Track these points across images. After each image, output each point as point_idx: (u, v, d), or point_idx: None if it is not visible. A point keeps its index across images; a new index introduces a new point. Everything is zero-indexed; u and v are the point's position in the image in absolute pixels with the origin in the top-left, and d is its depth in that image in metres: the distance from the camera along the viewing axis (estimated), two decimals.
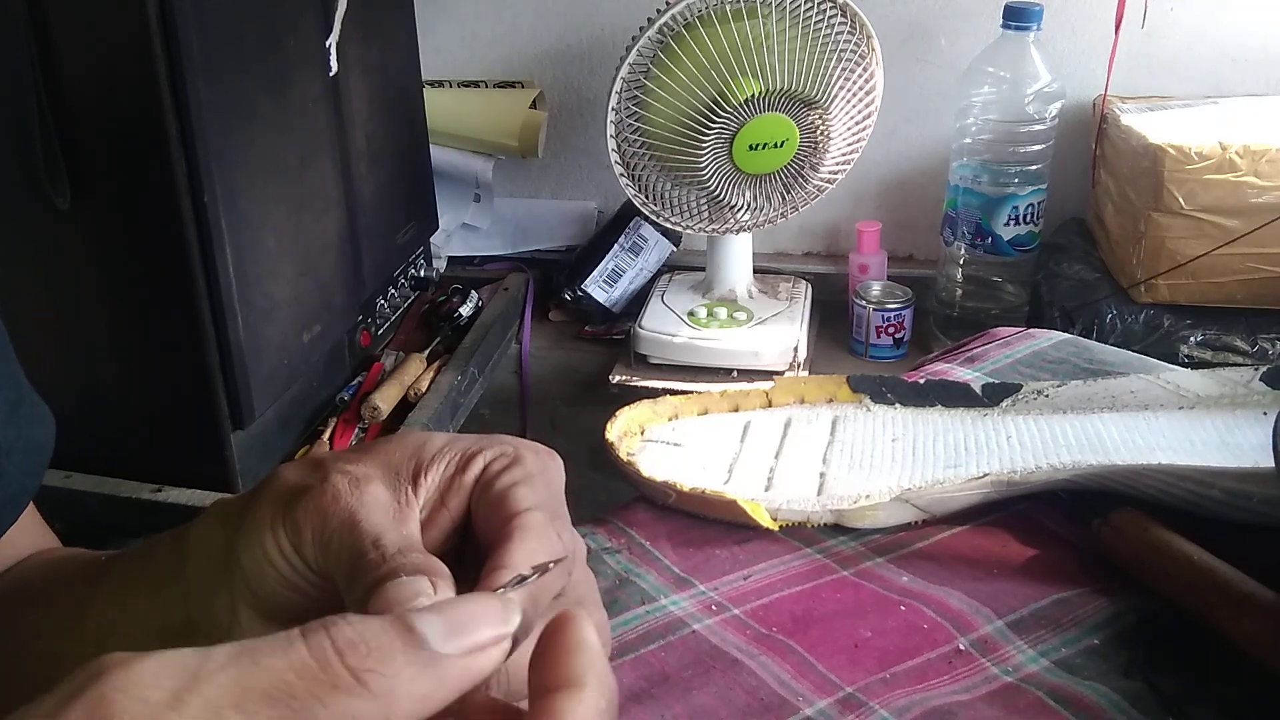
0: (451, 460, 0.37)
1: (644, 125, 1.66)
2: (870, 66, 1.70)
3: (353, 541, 0.33)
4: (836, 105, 1.66)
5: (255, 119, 1.33)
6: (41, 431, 0.52)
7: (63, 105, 1.22)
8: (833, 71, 1.64)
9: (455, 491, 0.37)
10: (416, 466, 0.37)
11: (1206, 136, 1.59)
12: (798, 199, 1.76)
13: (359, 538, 0.33)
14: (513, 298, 1.99)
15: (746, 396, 0.79)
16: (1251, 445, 0.68)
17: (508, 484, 0.36)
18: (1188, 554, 0.59)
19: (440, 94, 2.01)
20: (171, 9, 1.17)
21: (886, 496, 0.67)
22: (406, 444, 0.37)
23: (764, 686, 0.55)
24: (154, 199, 1.25)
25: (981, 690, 0.55)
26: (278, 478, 0.37)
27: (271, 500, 0.35)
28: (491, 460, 0.37)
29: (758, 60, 1.59)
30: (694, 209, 1.76)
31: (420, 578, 0.31)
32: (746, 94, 1.60)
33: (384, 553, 0.32)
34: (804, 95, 1.63)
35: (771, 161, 1.68)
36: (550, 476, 0.37)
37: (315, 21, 1.45)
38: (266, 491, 0.36)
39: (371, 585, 0.31)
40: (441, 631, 0.27)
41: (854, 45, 1.66)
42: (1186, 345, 1.64)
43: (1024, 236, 1.82)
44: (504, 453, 0.37)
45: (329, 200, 1.52)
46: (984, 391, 0.77)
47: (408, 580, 0.31)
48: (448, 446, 0.37)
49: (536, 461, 0.37)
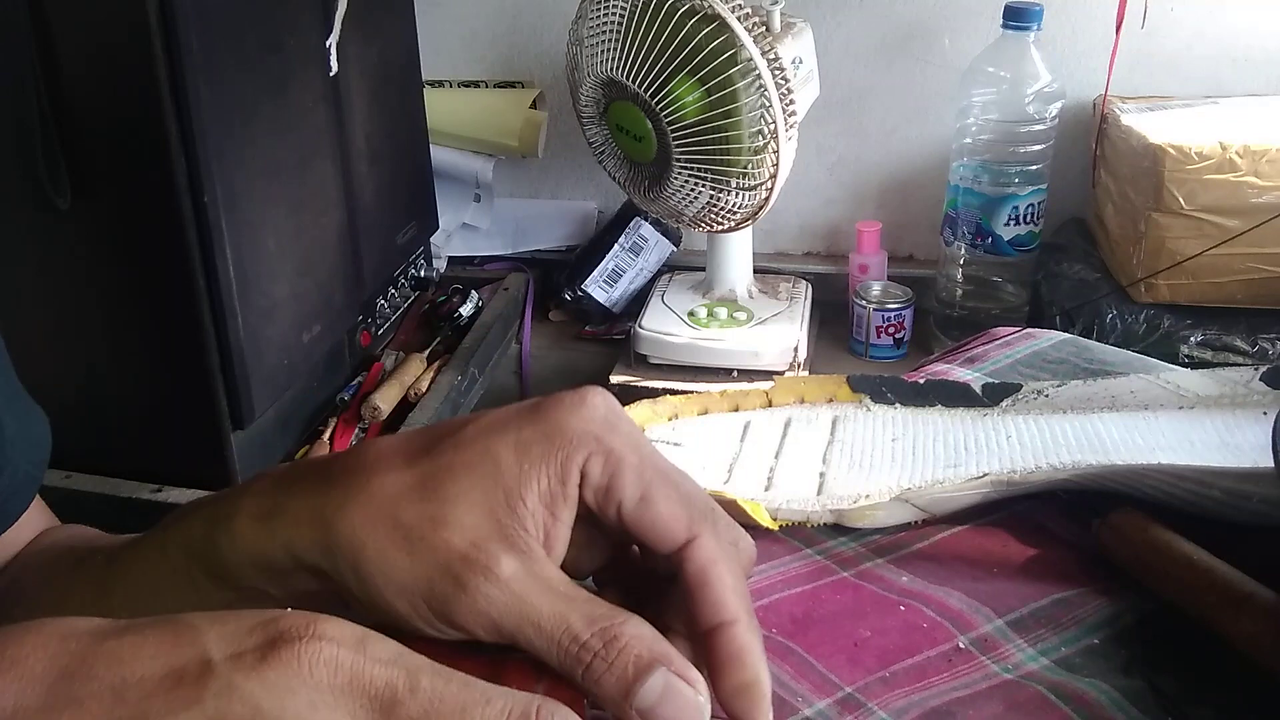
0: (541, 476, 0.37)
1: None
2: (761, 128, 1.56)
3: (540, 638, 0.34)
4: (681, 133, 1.59)
5: (255, 119, 1.33)
6: (40, 426, 0.52)
7: (63, 105, 1.23)
8: (684, 99, 1.56)
9: (564, 502, 0.37)
10: (509, 501, 0.36)
11: (1206, 136, 1.59)
12: (658, 206, 1.73)
13: (547, 636, 0.34)
14: (513, 298, 1.99)
15: (746, 396, 0.79)
16: (1251, 445, 0.68)
17: (636, 497, 0.37)
18: (1188, 554, 0.59)
19: (440, 94, 2.01)
20: (171, 9, 1.17)
21: (886, 496, 0.67)
22: (477, 474, 0.36)
23: None
24: (154, 199, 1.25)
25: (981, 686, 0.55)
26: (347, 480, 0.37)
27: (418, 566, 0.35)
28: (586, 463, 0.37)
29: (624, 46, 1.57)
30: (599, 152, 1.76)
31: (674, 682, 0.33)
32: (608, 74, 1.60)
33: (585, 644, 0.34)
34: (651, 102, 1.59)
35: (635, 150, 1.67)
36: (643, 449, 0.38)
37: (315, 21, 1.45)
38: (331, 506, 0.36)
39: (616, 687, 0.33)
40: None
41: (736, 89, 1.54)
42: (1186, 345, 1.64)
43: (1024, 236, 1.82)
44: (592, 452, 0.37)
45: (329, 200, 1.52)
46: (984, 391, 0.77)
47: (668, 688, 0.33)
48: (523, 460, 0.36)
49: (627, 444, 0.37)
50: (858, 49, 1.96)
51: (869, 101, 1.99)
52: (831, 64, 1.93)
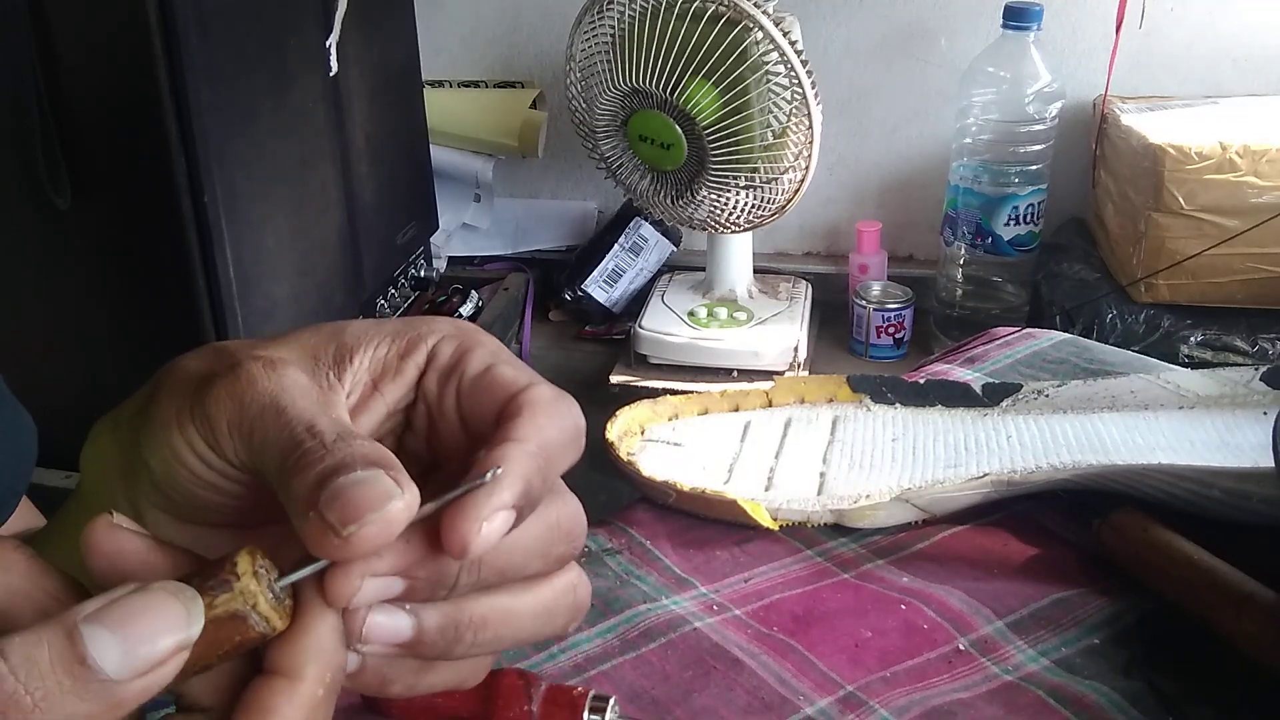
0: (383, 343, 0.33)
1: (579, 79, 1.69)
2: (797, 122, 1.61)
3: (281, 429, 0.29)
4: (722, 136, 1.61)
5: (255, 119, 1.33)
6: (25, 435, 0.50)
7: (63, 105, 1.23)
8: (724, 100, 1.58)
9: (394, 377, 0.33)
10: (339, 351, 0.33)
11: (1206, 136, 1.59)
12: (687, 215, 1.74)
13: (288, 424, 0.29)
14: (513, 298, 1.99)
15: (746, 396, 0.79)
16: (1251, 445, 0.68)
17: (481, 367, 0.32)
18: (1188, 554, 0.59)
19: (440, 94, 2.01)
20: (171, 9, 1.17)
21: (886, 496, 0.67)
22: (323, 330, 0.34)
23: (765, 686, 0.55)
24: (154, 199, 1.25)
25: (981, 689, 0.55)
26: (179, 368, 0.33)
27: (175, 393, 0.32)
28: (436, 344, 0.33)
29: (643, 54, 1.57)
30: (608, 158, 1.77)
31: (377, 472, 0.27)
32: (633, 84, 1.60)
33: (322, 439, 0.29)
34: (681, 108, 1.60)
35: (660, 160, 1.67)
36: (507, 353, 0.34)
37: (315, 21, 1.45)
38: (168, 384, 0.33)
39: (317, 480, 0.27)
40: (117, 654, 0.24)
41: (771, 87, 1.59)
42: (1186, 345, 1.64)
43: (1024, 236, 1.82)
44: (447, 335, 0.33)
45: (329, 200, 1.52)
46: (984, 391, 0.77)
47: (366, 477, 0.27)
48: (374, 330, 0.34)
49: (490, 341, 0.34)
50: (858, 49, 1.96)
51: (869, 101, 1.99)
52: (831, 64, 1.93)
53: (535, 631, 0.32)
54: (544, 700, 0.50)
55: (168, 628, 0.25)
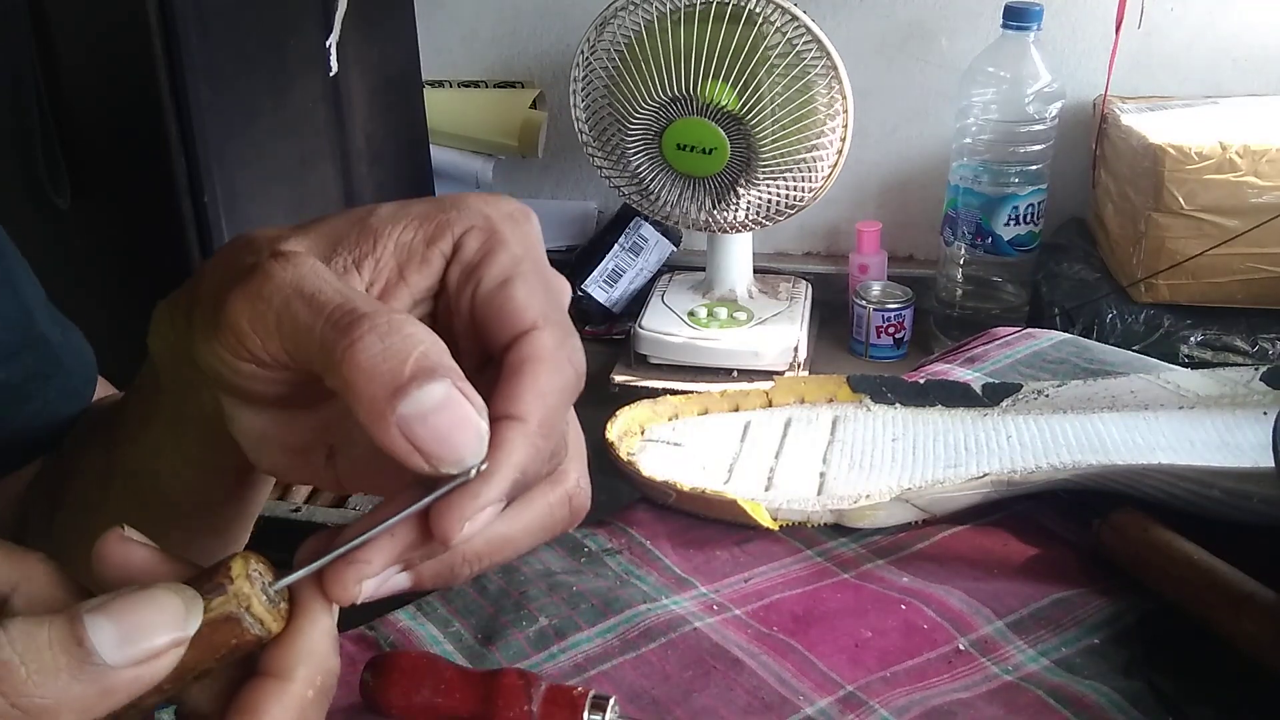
0: (409, 227, 0.32)
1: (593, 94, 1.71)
2: (833, 104, 1.65)
3: (311, 314, 0.28)
4: (772, 131, 1.63)
5: (255, 119, 1.33)
6: (84, 345, 0.52)
7: (63, 105, 1.23)
8: (771, 95, 1.61)
9: (420, 265, 0.32)
10: (362, 235, 0.32)
11: (1206, 136, 1.59)
12: (725, 219, 1.74)
13: (318, 309, 0.28)
14: None
15: (746, 396, 0.79)
16: (1251, 445, 0.68)
17: (500, 278, 0.31)
18: (1188, 554, 0.59)
19: (440, 94, 2.01)
20: (171, 9, 1.17)
21: (886, 496, 0.67)
22: (351, 214, 0.33)
23: (765, 686, 0.55)
24: (154, 199, 1.25)
25: (981, 689, 0.55)
26: (208, 271, 0.33)
27: (206, 302, 0.32)
28: (464, 234, 0.32)
29: (685, 64, 1.59)
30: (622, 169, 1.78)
31: (410, 332, 0.27)
32: (671, 93, 1.61)
33: (355, 310, 0.28)
34: (730, 110, 1.61)
35: (700, 166, 1.67)
36: (533, 250, 0.33)
37: (315, 21, 1.45)
38: (202, 288, 0.33)
39: (349, 347, 0.27)
40: (114, 640, 0.25)
41: (813, 76, 1.63)
42: (1186, 345, 1.64)
43: (1024, 236, 1.82)
44: (476, 225, 0.32)
45: (329, 200, 1.52)
46: (984, 391, 0.77)
47: (399, 337, 0.27)
48: (400, 212, 0.32)
49: (517, 234, 0.33)
50: (858, 49, 1.96)
51: (869, 101, 1.99)
52: None
53: (534, 545, 0.32)
54: (544, 700, 0.50)
55: (165, 622, 0.26)
